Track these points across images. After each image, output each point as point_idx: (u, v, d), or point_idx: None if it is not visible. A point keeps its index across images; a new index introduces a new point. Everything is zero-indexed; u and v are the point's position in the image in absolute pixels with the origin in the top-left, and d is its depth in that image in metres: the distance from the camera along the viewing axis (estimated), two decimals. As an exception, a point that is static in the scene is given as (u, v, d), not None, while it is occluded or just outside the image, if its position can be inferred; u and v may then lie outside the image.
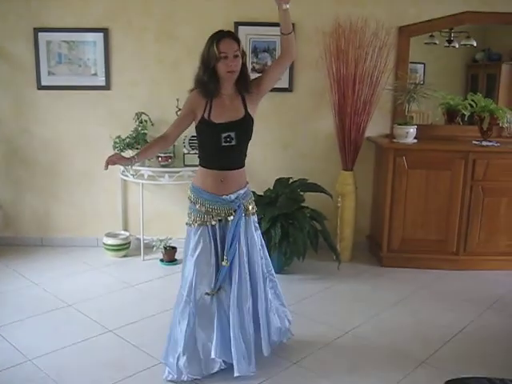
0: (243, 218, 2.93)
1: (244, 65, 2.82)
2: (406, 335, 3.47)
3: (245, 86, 2.85)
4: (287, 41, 2.78)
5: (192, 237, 2.92)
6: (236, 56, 2.74)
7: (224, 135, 2.79)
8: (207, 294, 2.88)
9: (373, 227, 5.07)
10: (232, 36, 2.79)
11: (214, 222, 2.89)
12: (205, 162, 2.93)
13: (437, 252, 4.61)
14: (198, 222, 2.89)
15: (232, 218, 2.89)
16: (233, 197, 2.90)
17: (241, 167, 2.95)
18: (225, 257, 2.89)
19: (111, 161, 2.73)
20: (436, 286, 4.32)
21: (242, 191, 2.95)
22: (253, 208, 3.02)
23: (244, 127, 2.86)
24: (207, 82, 2.77)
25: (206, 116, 2.81)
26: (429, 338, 3.43)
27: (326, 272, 4.50)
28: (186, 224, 2.97)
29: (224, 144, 2.80)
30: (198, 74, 2.82)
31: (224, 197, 2.88)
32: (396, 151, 4.49)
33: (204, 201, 2.88)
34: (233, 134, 2.80)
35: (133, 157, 2.84)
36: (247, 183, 3.02)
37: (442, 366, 3.09)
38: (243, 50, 2.82)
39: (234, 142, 2.81)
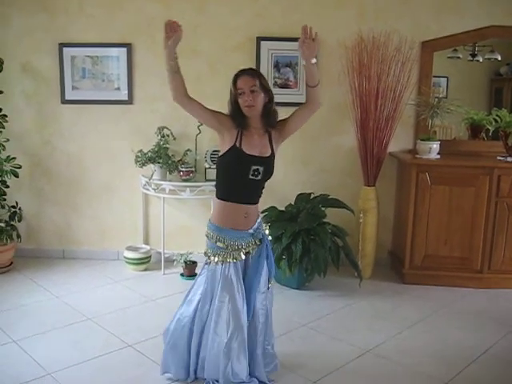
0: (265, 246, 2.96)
1: (270, 101, 2.83)
2: (429, 355, 3.40)
3: (270, 121, 2.86)
4: (313, 92, 2.79)
5: (218, 276, 2.85)
6: (253, 91, 2.74)
7: (253, 168, 2.78)
8: None
9: (395, 243, 5.00)
10: (249, 73, 2.80)
11: (243, 256, 2.87)
12: (226, 195, 2.86)
13: (460, 269, 4.53)
14: (220, 259, 2.84)
15: (256, 249, 2.91)
16: (255, 228, 2.92)
17: (258, 202, 2.96)
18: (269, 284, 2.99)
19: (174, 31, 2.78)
20: (459, 304, 4.23)
21: (258, 220, 2.98)
22: (267, 231, 3.06)
23: (270, 165, 2.87)
24: (233, 115, 2.81)
25: (237, 144, 2.78)
26: (452, 358, 3.35)
27: (347, 289, 4.45)
28: (207, 263, 2.92)
29: (251, 177, 2.80)
30: (228, 108, 2.87)
31: (249, 231, 2.89)
32: (419, 167, 4.44)
33: (224, 238, 2.84)
34: (261, 169, 2.80)
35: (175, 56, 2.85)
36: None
37: (466, 388, 3.02)
38: (265, 87, 2.80)
39: (259, 177, 2.82)
